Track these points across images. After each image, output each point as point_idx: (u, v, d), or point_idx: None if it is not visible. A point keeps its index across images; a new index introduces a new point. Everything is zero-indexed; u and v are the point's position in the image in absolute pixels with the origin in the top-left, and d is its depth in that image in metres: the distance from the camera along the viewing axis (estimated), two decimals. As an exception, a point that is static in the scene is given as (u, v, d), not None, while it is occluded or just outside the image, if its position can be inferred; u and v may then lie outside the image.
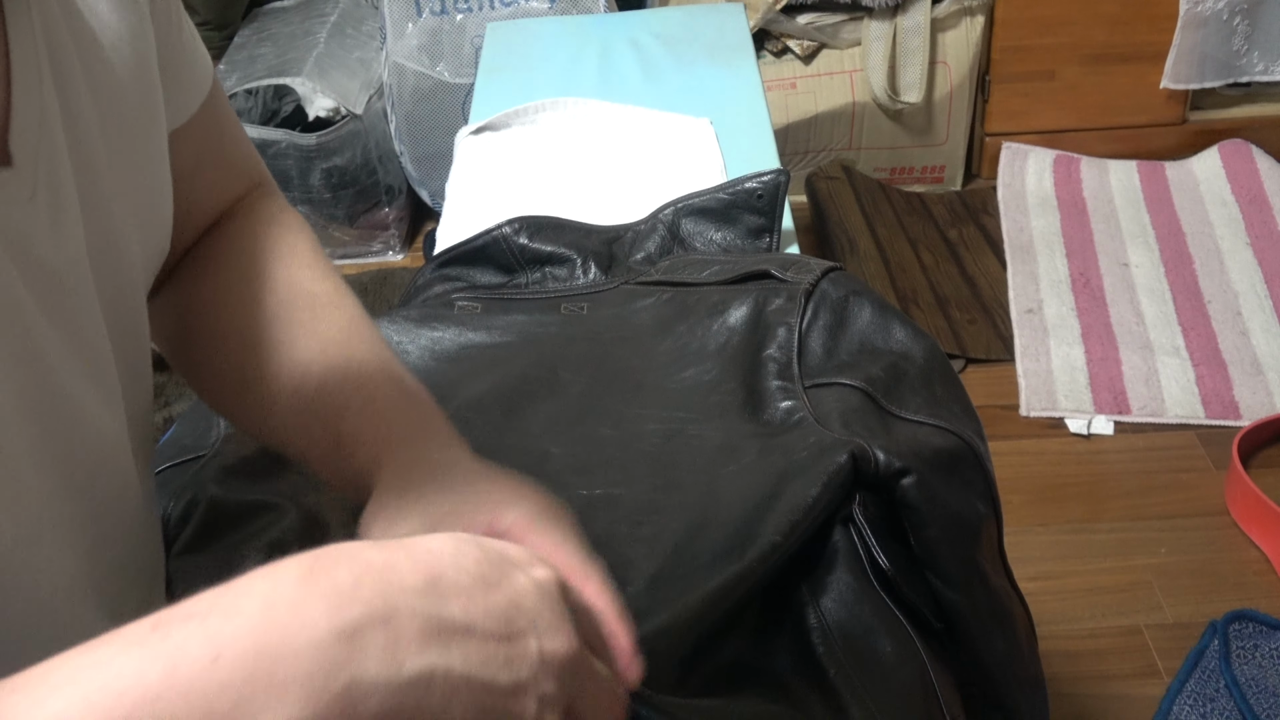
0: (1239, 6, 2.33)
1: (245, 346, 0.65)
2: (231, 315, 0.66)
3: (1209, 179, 2.41)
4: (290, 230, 0.71)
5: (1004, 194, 2.43)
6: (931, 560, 0.71)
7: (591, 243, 1.07)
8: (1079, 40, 2.41)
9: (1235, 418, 1.85)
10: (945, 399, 0.81)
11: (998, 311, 2.12)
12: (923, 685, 0.66)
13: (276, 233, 0.70)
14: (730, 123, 1.39)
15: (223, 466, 0.80)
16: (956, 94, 2.45)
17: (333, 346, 0.64)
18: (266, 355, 0.64)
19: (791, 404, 0.79)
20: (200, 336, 0.68)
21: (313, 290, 0.66)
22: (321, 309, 0.65)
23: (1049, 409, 1.90)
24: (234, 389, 0.66)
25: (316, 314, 0.65)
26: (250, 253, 0.68)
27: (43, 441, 0.50)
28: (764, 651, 0.67)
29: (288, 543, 0.73)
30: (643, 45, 1.62)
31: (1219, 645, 1.49)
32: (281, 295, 0.66)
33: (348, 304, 0.67)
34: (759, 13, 2.34)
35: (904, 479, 0.70)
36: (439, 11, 2.30)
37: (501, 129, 1.41)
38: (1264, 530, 1.65)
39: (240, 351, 0.65)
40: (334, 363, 0.63)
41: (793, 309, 0.85)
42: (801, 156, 2.50)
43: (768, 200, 1.10)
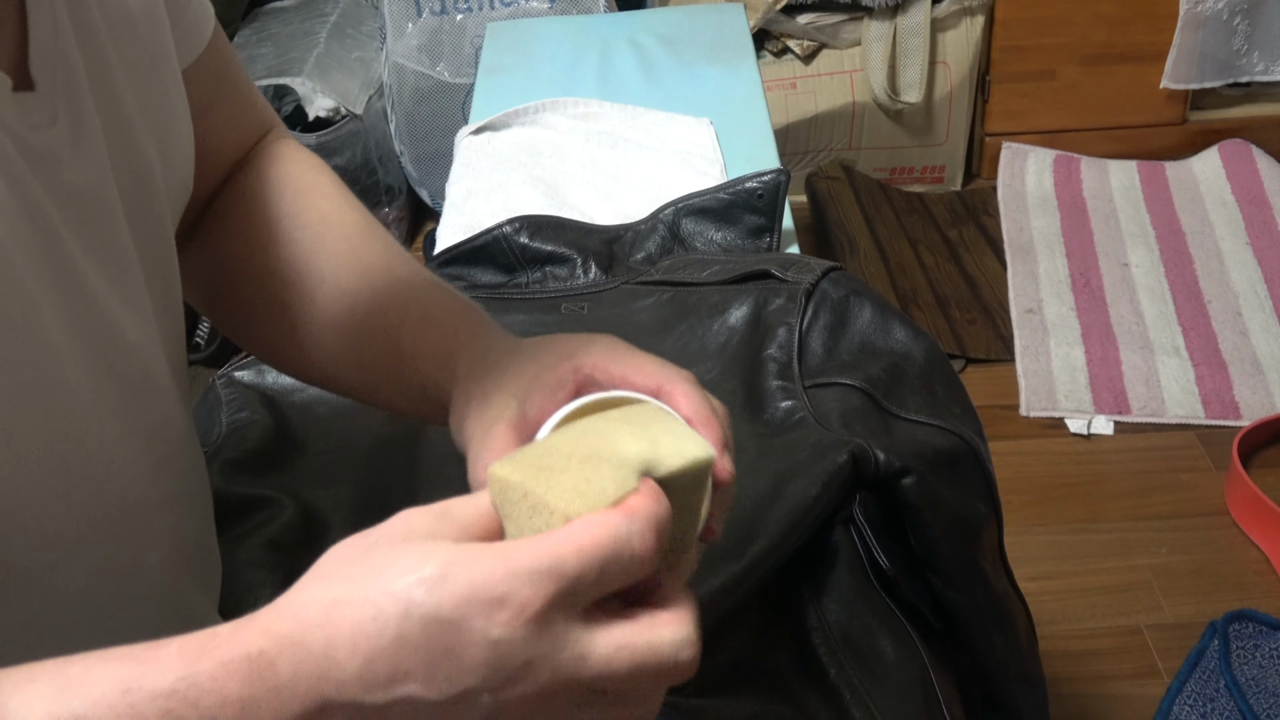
0: (1239, 6, 2.33)
1: (287, 285, 0.66)
2: (267, 256, 0.67)
3: (1209, 179, 2.41)
4: (311, 167, 0.72)
5: (1004, 194, 2.43)
6: (932, 560, 0.71)
7: (592, 242, 1.07)
8: (1079, 40, 2.41)
9: (1235, 418, 1.85)
10: (945, 399, 0.81)
11: (998, 311, 2.12)
12: (923, 685, 0.66)
13: (299, 170, 0.71)
14: (730, 123, 1.39)
15: (225, 460, 0.80)
16: (956, 94, 2.45)
17: (375, 270, 0.65)
18: (310, 290, 0.65)
19: (792, 404, 0.79)
20: (238, 284, 0.68)
21: (343, 221, 0.67)
22: (356, 237, 0.67)
23: (1049, 409, 1.90)
24: (282, 331, 0.67)
25: (353, 243, 0.66)
26: (276, 192, 0.69)
27: (95, 366, 0.51)
28: (764, 651, 0.67)
29: (285, 540, 0.73)
30: (643, 45, 1.62)
31: (1219, 645, 1.49)
32: (315, 229, 0.67)
33: (379, 231, 0.68)
34: (759, 13, 2.34)
35: (904, 479, 0.70)
36: (439, 11, 2.30)
37: (501, 129, 1.41)
38: (1264, 530, 1.65)
39: (283, 291, 0.66)
40: (380, 285, 0.64)
41: (793, 309, 0.85)
42: (801, 156, 2.50)
43: (768, 200, 1.10)
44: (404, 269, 0.66)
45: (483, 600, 0.39)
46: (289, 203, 0.68)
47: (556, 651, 0.40)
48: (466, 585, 0.40)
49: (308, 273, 0.66)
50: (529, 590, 0.40)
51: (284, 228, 0.67)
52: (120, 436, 0.54)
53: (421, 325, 0.62)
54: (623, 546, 0.41)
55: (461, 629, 0.39)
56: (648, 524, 0.42)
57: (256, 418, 0.84)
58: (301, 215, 0.68)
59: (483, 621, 0.39)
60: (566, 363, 0.54)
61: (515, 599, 0.39)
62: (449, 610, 0.39)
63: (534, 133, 1.39)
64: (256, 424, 0.83)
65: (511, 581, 0.40)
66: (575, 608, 0.41)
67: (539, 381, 0.54)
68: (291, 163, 0.71)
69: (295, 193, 0.69)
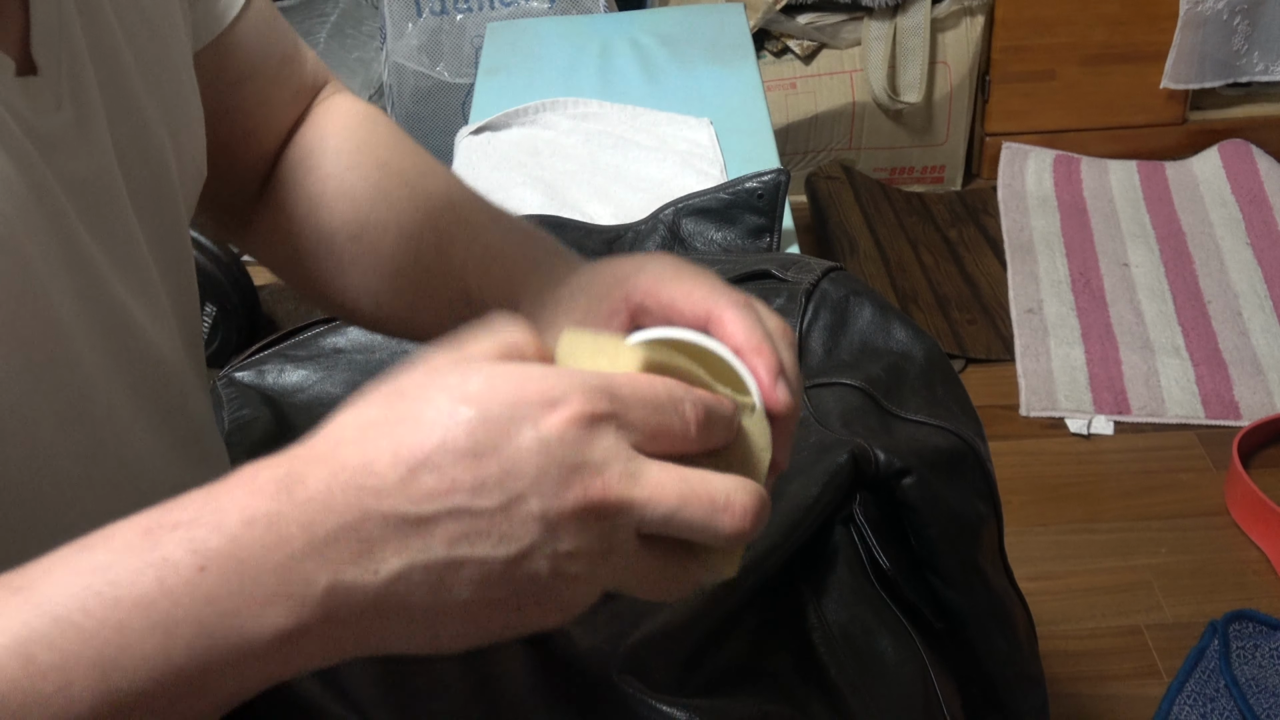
0: (1239, 6, 2.33)
1: (353, 239, 0.66)
2: (331, 213, 0.66)
3: (1209, 179, 2.41)
4: (368, 118, 0.71)
5: (1004, 194, 2.43)
6: (932, 560, 0.71)
7: (592, 243, 1.07)
8: (1079, 40, 2.41)
9: (1235, 418, 1.85)
10: (945, 399, 0.81)
11: (998, 311, 2.12)
12: (923, 685, 0.66)
13: (355, 122, 0.70)
14: (730, 123, 1.39)
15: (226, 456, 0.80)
16: (956, 94, 2.45)
17: (437, 209, 0.65)
18: (376, 241, 0.65)
19: (792, 404, 0.79)
20: (307, 245, 0.68)
21: (402, 166, 0.67)
22: (416, 179, 0.66)
23: (1049, 409, 1.90)
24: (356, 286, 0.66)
25: (412, 186, 0.66)
26: (334, 147, 0.69)
27: (106, 348, 0.51)
28: (764, 651, 0.67)
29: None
30: (643, 45, 1.62)
31: (1219, 645, 1.49)
32: (374, 178, 0.67)
33: (438, 169, 0.68)
34: (759, 13, 2.34)
35: (904, 479, 0.70)
36: (439, 11, 2.30)
37: (501, 129, 1.41)
38: (1264, 530, 1.65)
39: (351, 245, 0.66)
40: (443, 224, 0.64)
41: (793, 309, 0.85)
42: (801, 156, 2.50)
43: (768, 200, 1.10)
44: (465, 203, 0.65)
45: (533, 401, 0.38)
46: (347, 155, 0.68)
47: (609, 463, 0.39)
48: (517, 388, 0.38)
49: (372, 223, 0.65)
50: (582, 396, 0.39)
51: (345, 181, 0.67)
52: (135, 417, 0.53)
53: (484, 262, 0.62)
54: (676, 403, 0.41)
55: (510, 429, 0.38)
56: (701, 400, 0.42)
57: (258, 415, 0.84)
58: (361, 166, 0.67)
59: (533, 422, 0.38)
60: (618, 290, 0.52)
61: (569, 401, 0.38)
62: (497, 411, 0.38)
63: (534, 133, 1.39)
64: (258, 421, 0.83)
65: (564, 387, 0.39)
66: (630, 433, 0.39)
67: (593, 312, 0.53)
68: (348, 115, 0.71)
69: (353, 145, 0.69)
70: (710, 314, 0.49)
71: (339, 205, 0.67)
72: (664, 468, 0.40)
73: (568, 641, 0.63)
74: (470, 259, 0.62)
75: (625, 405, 0.39)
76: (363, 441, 0.38)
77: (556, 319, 0.54)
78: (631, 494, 0.39)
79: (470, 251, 0.63)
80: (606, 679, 0.60)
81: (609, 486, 0.38)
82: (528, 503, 0.38)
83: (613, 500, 0.38)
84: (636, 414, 0.40)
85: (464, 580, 0.38)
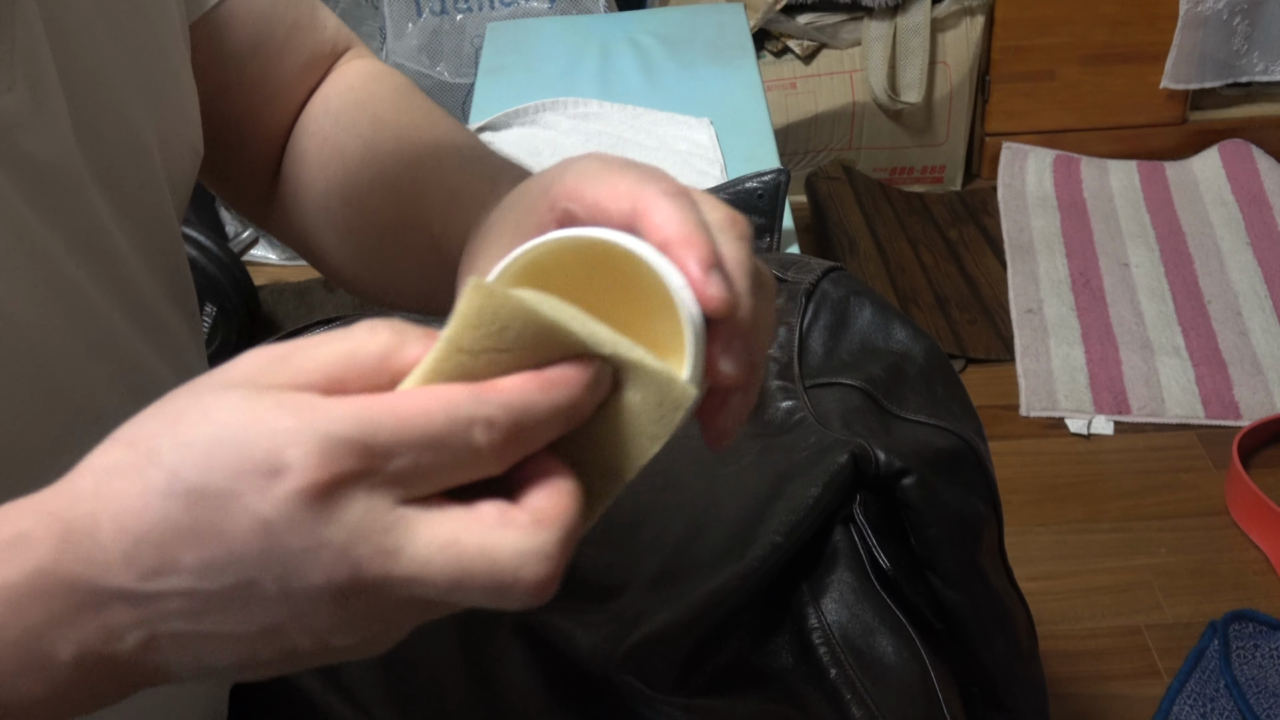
0: (1239, 6, 2.33)
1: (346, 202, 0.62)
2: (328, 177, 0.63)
3: (1209, 179, 2.41)
4: (374, 77, 0.67)
5: (1004, 194, 2.43)
6: (932, 560, 0.71)
7: (592, 243, 1.07)
8: (1079, 40, 2.41)
9: (1235, 418, 1.85)
10: (945, 399, 0.81)
11: (998, 311, 2.12)
12: (923, 685, 0.66)
13: (359, 82, 0.66)
14: (730, 123, 1.39)
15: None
16: (956, 94, 2.45)
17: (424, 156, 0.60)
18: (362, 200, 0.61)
19: (792, 404, 0.79)
20: (313, 215, 0.65)
21: (399, 121, 0.63)
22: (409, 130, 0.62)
23: (1049, 409, 1.90)
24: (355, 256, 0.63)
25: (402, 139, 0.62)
26: (335, 110, 0.65)
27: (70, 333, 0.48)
28: (764, 651, 0.67)
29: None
30: (643, 45, 1.62)
31: (1219, 645, 1.49)
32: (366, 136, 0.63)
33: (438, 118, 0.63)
34: (759, 13, 2.34)
35: (904, 479, 0.70)
36: (439, 11, 2.30)
37: (501, 129, 1.41)
38: (1264, 530, 1.65)
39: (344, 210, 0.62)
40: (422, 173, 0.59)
41: (793, 309, 0.85)
42: (801, 156, 2.50)
43: (768, 200, 1.10)
44: (449, 149, 0.60)
45: (258, 469, 0.32)
46: (345, 115, 0.64)
47: (356, 540, 0.32)
48: (243, 449, 0.32)
49: (360, 183, 0.61)
50: (317, 459, 0.32)
51: (338, 142, 0.63)
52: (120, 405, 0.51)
53: (446, 205, 0.57)
54: (457, 432, 0.33)
55: (231, 505, 0.32)
56: (506, 413, 0.34)
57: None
58: (356, 125, 0.63)
59: (255, 496, 0.32)
60: (544, 200, 0.45)
61: (297, 468, 0.32)
62: (219, 482, 0.32)
63: (534, 133, 1.39)
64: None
65: (297, 446, 0.32)
66: (391, 489, 0.33)
67: (522, 227, 0.46)
68: (354, 76, 0.67)
69: (350, 103, 0.65)
70: (635, 208, 0.41)
71: (332, 168, 0.63)
72: (434, 533, 0.33)
73: (568, 641, 0.63)
74: (436, 204, 0.57)
75: (384, 453, 0.32)
76: (95, 498, 0.33)
77: (488, 246, 0.47)
78: (390, 573, 0.33)
79: (436, 196, 0.58)
80: (606, 679, 0.60)
81: (358, 569, 0.32)
82: (262, 587, 0.33)
83: (366, 582, 0.33)
84: (402, 461, 0.33)
85: (221, 649, 0.34)
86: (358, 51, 0.70)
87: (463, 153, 0.60)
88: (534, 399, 0.34)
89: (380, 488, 0.32)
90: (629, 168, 0.43)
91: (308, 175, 0.64)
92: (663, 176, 0.42)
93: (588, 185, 0.43)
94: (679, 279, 0.38)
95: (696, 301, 0.38)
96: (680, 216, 0.40)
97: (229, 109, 0.64)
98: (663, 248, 0.39)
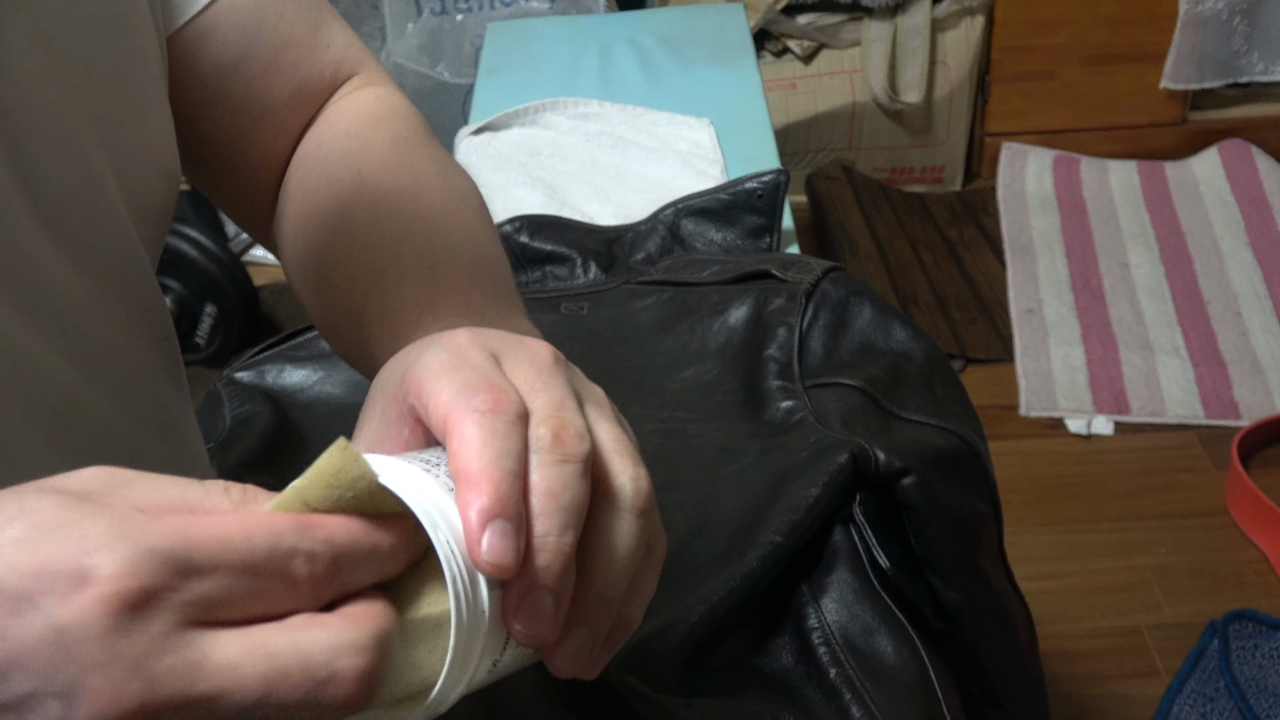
0: (1239, 6, 2.33)
1: (321, 264, 0.58)
2: (310, 228, 0.59)
3: (1209, 179, 2.41)
4: (373, 120, 0.62)
5: (1004, 194, 2.43)
6: (932, 560, 0.71)
7: (592, 242, 1.07)
8: (1079, 40, 2.41)
9: (1235, 418, 1.85)
10: (945, 399, 0.81)
11: (998, 311, 2.12)
12: (923, 685, 0.66)
13: (358, 125, 0.62)
14: (730, 123, 1.39)
15: (228, 455, 0.80)
16: (956, 94, 2.45)
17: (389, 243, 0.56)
18: (329, 272, 0.57)
19: (792, 404, 0.79)
20: (297, 259, 0.61)
21: (381, 185, 0.58)
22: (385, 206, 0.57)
23: (1049, 409, 1.90)
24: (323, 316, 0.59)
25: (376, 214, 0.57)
26: (324, 154, 0.61)
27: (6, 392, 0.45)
28: (764, 651, 0.67)
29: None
30: (643, 45, 1.62)
31: (1219, 645, 1.49)
32: (347, 195, 0.58)
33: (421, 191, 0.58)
34: (759, 13, 2.34)
35: (904, 479, 0.70)
36: (439, 11, 2.30)
37: (501, 129, 1.41)
38: (1264, 530, 1.65)
39: (319, 269, 0.58)
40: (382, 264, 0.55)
41: (793, 309, 0.85)
42: (801, 156, 2.50)
43: (768, 200, 1.10)
44: (419, 235, 0.55)
45: (62, 572, 0.29)
46: (331, 167, 0.60)
47: (154, 656, 0.30)
48: (51, 550, 0.30)
49: (329, 254, 0.57)
50: (127, 568, 0.29)
51: (318, 201, 0.59)
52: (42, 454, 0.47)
53: (383, 320, 0.53)
54: (277, 560, 0.32)
55: (25, 606, 0.29)
56: (328, 549, 0.32)
57: (260, 410, 0.84)
58: (338, 183, 0.59)
59: (55, 601, 0.29)
60: (400, 389, 0.41)
61: (104, 576, 0.29)
62: (14, 582, 0.29)
63: (534, 133, 1.39)
64: (260, 415, 0.83)
65: (107, 553, 0.30)
66: (201, 610, 0.31)
67: (385, 420, 0.42)
68: (354, 118, 0.62)
69: (341, 155, 0.60)
70: (446, 428, 0.37)
71: (309, 228, 0.59)
72: (240, 642, 0.31)
73: (568, 641, 0.63)
74: (375, 312, 0.53)
75: (199, 572, 0.30)
76: None
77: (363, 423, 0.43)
78: (191, 691, 0.30)
79: (376, 305, 0.53)
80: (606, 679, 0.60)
81: (154, 687, 0.30)
82: (44, 705, 0.30)
83: (164, 703, 0.30)
84: (215, 583, 0.31)
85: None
86: (368, 77, 0.65)
87: (421, 251, 0.55)
88: (357, 539, 0.33)
89: (189, 606, 0.30)
90: (461, 369, 0.39)
91: (289, 223, 0.61)
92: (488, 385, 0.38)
93: (427, 386, 0.39)
94: (445, 535, 0.35)
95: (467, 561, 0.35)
96: (476, 446, 0.36)
97: (211, 129, 0.61)
98: (455, 481, 0.36)
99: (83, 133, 0.49)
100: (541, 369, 0.40)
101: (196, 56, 0.58)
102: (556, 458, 0.37)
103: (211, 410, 0.87)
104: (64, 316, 0.49)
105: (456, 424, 0.37)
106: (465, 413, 0.37)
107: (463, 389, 0.37)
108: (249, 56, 0.60)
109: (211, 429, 0.84)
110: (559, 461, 0.37)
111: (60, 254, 0.48)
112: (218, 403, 0.87)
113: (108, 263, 0.52)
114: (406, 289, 0.53)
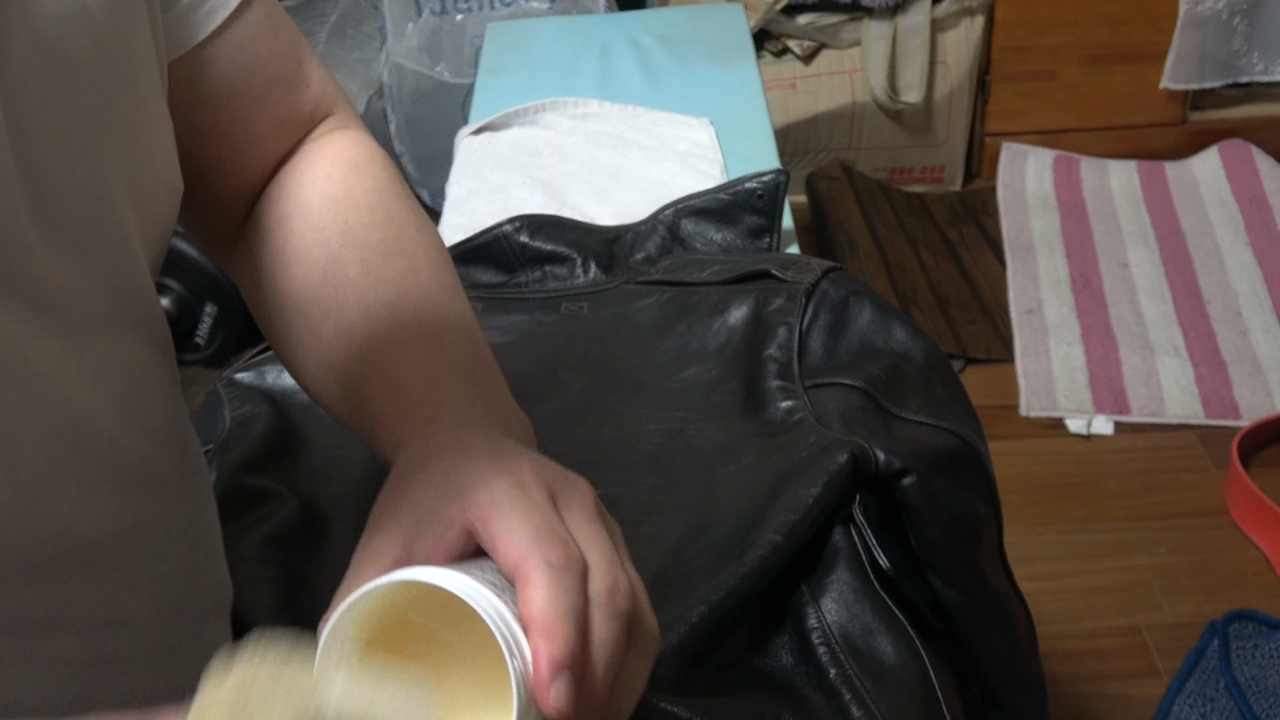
0: (1239, 6, 2.33)
1: (299, 312, 0.60)
2: (286, 277, 0.61)
3: (1209, 179, 2.41)
4: (354, 168, 0.64)
5: (1004, 194, 2.43)
6: (932, 560, 0.71)
7: (592, 242, 1.07)
8: (1079, 40, 2.41)
9: (1235, 418, 1.85)
10: (945, 399, 0.81)
11: (998, 311, 2.12)
12: (923, 685, 0.66)
13: (339, 173, 0.63)
14: (730, 123, 1.39)
15: (231, 454, 0.80)
16: (956, 94, 2.45)
17: (381, 305, 0.58)
18: (317, 325, 0.59)
19: (792, 404, 0.79)
20: (265, 300, 0.62)
21: (367, 239, 0.60)
22: (375, 260, 0.59)
23: (1049, 409, 1.90)
24: (295, 362, 0.61)
25: (367, 267, 0.59)
26: (304, 200, 0.62)
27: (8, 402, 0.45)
28: (764, 651, 0.67)
29: (285, 536, 0.73)
30: (643, 45, 1.62)
31: (1219, 645, 1.49)
32: (333, 248, 0.60)
33: (408, 249, 0.60)
34: (759, 13, 2.34)
35: (904, 479, 0.70)
36: (439, 11, 2.30)
37: (501, 129, 1.41)
38: (1264, 530, 1.65)
39: (295, 318, 0.60)
40: (379, 329, 0.57)
41: (793, 309, 0.85)
42: (801, 156, 2.50)
43: (768, 200, 1.10)
44: (412, 303, 0.57)
45: None
46: (316, 215, 0.61)
47: None
48: None
49: (317, 303, 0.59)
50: None
51: (304, 244, 0.61)
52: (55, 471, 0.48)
53: (389, 395, 0.55)
54: None
55: None
56: None
57: (260, 411, 0.84)
58: (324, 231, 0.61)
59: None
60: (456, 503, 0.44)
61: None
62: None
63: (534, 133, 1.39)
64: (260, 416, 0.83)
65: None
66: None
67: (431, 518, 0.45)
68: (335, 164, 0.64)
69: (326, 203, 0.62)
70: (517, 571, 0.41)
71: (294, 270, 0.60)
72: None
73: (568, 641, 0.63)
74: (378, 385, 0.55)
75: None
76: None
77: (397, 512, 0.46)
78: None
79: (380, 378, 0.55)
80: (606, 679, 0.60)
81: None
82: None
83: None
84: None
85: None
86: (341, 120, 0.68)
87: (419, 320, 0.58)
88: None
89: None
90: (533, 513, 0.43)
91: (269, 262, 0.62)
92: (559, 539, 0.42)
93: (495, 518, 0.43)
94: (519, 671, 0.39)
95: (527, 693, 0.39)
96: (549, 599, 0.40)
97: (199, 152, 0.62)
98: (524, 624, 0.40)
99: (97, 149, 0.50)
100: (589, 516, 0.45)
101: (197, 83, 0.60)
102: (610, 614, 0.43)
103: (211, 411, 0.87)
104: (76, 331, 0.50)
105: (531, 573, 0.41)
106: (540, 565, 0.41)
107: (535, 538, 0.42)
108: (241, 91, 0.62)
109: (211, 430, 0.84)
110: (611, 619, 0.43)
111: (72, 269, 0.49)
112: (217, 404, 0.86)
113: (117, 278, 0.53)
114: (409, 359, 0.56)
